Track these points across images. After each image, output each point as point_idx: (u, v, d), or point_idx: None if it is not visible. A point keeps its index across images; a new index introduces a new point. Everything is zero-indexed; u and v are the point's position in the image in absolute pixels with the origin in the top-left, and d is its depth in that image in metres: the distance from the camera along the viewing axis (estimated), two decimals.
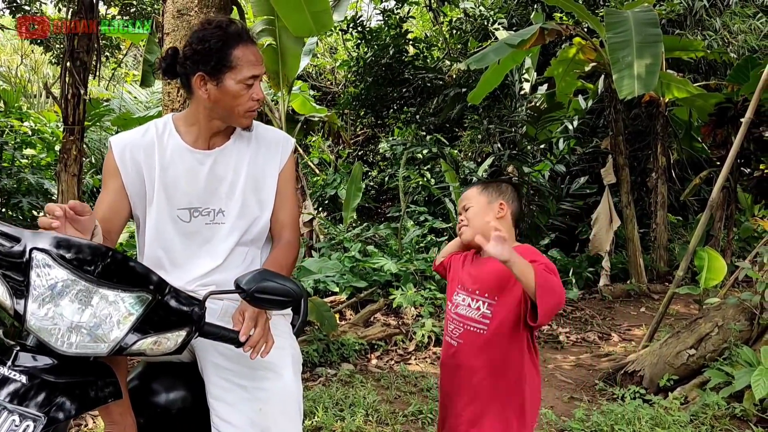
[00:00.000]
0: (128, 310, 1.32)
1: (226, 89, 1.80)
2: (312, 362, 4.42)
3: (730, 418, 3.47)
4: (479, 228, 2.00)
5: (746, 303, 3.91)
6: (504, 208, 2.05)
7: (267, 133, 2.02)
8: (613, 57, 5.60)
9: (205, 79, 1.81)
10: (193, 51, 1.80)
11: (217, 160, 1.91)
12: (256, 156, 1.96)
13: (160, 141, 1.91)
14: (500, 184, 2.13)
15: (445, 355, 2.08)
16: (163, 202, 1.89)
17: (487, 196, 2.07)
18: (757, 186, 6.59)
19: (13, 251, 1.28)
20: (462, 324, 2.00)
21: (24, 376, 1.25)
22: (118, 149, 1.91)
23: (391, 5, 9.24)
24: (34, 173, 5.39)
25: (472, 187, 2.14)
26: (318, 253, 6.85)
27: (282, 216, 1.98)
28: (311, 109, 9.62)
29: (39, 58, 14.08)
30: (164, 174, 1.88)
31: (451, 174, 8.06)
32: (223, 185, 1.91)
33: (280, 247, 1.94)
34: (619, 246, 8.04)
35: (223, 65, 1.78)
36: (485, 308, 1.96)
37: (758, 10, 9.49)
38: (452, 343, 2.03)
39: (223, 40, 1.78)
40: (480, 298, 1.98)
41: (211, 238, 1.91)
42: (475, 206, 2.07)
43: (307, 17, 5.20)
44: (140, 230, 1.95)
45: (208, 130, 1.91)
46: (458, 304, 2.05)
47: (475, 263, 2.09)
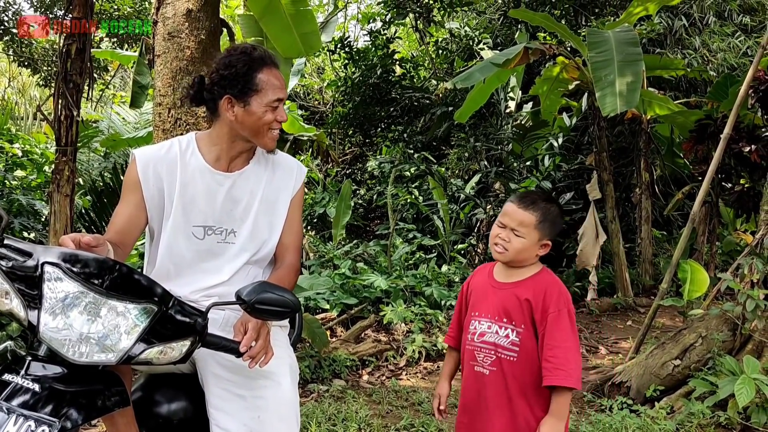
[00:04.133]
0: (135, 321, 1.38)
1: (252, 111, 1.89)
2: (304, 378, 4.45)
3: (715, 426, 3.56)
4: (516, 259, 1.99)
5: (729, 314, 4.01)
6: (548, 247, 2.00)
7: (283, 160, 2.12)
8: (596, 75, 5.73)
9: (233, 101, 1.89)
10: (221, 76, 1.89)
11: (236, 183, 1.99)
12: (272, 180, 2.05)
13: (182, 158, 1.98)
14: (556, 217, 2.00)
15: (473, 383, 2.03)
16: (180, 217, 1.95)
17: (540, 232, 1.96)
18: (738, 200, 6.70)
19: (26, 265, 1.35)
20: (494, 351, 1.98)
21: (36, 384, 1.31)
22: (142, 163, 1.96)
23: (378, 26, 9.39)
24: (25, 194, 5.42)
25: (530, 212, 1.96)
26: (308, 271, 6.89)
27: (287, 239, 2.06)
28: (300, 128, 9.70)
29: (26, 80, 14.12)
30: (184, 191, 1.95)
31: (439, 191, 8.15)
32: (239, 207, 1.99)
33: (283, 268, 2.01)
34: (606, 261, 8.14)
35: (249, 88, 1.87)
36: (514, 336, 1.96)
37: (737, 28, 9.73)
38: (484, 372, 1.99)
39: (249, 64, 1.88)
40: (507, 325, 1.97)
41: (221, 256, 1.98)
42: (525, 239, 1.95)
43: (296, 39, 5.30)
44: (153, 242, 2.01)
45: (229, 152, 1.99)
46: (483, 332, 2.01)
47: (497, 289, 2.04)
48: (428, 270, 7.01)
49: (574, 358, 1.88)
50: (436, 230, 8.21)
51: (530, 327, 1.94)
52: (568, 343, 1.88)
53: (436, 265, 7.41)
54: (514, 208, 1.98)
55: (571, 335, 1.90)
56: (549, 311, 1.91)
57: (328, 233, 9.14)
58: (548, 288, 1.94)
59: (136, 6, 9.71)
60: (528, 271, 2.02)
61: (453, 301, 6.30)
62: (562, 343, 1.87)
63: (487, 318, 2.01)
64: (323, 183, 10.87)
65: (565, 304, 1.93)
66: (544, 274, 2.01)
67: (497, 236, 1.99)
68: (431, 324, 5.74)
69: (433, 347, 5.18)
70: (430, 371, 4.95)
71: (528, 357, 1.94)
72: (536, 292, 1.94)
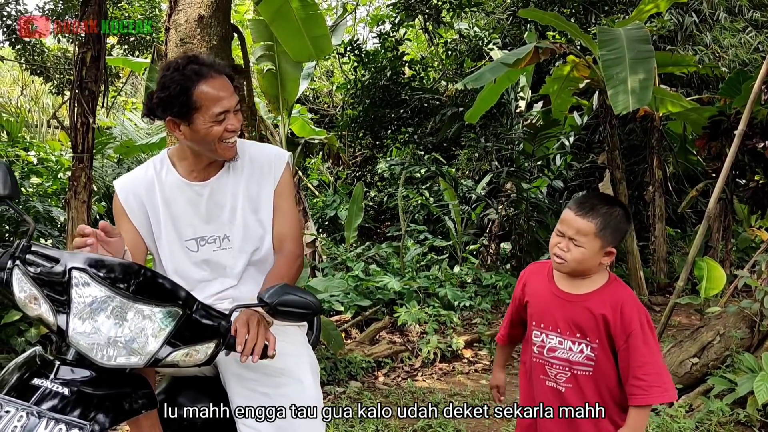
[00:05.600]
0: (160, 325, 1.40)
1: (197, 129, 1.83)
2: (321, 381, 4.46)
3: (734, 424, 3.53)
4: (578, 270, 1.88)
5: (746, 311, 3.98)
6: (612, 255, 1.87)
7: (259, 154, 2.05)
8: (607, 73, 5.71)
9: (176, 122, 1.84)
10: (159, 99, 1.83)
11: (214, 190, 1.97)
12: (251, 178, 2.01)
13: (159, 178, 1.98)
14: (619, 222, 1.84)
15: (551, 398, 1.95)
16: (172, 234, 1.96)
17: (601, 240, 1.82)
18: (753, 197, 6.65)
19: (54, 271, 1.37)
20: (569, 368, 1.90)
21: (65, 388, 1.33)
22: (123, 193, 1.98)
23: (387, 28, 9.40)
24: (41, 201, 5.48)
25: (588, 220, 1.82)
26: (321, 273, 6.91)
27: (281, 229, 2.02)
28: (310, 131, 9.75)
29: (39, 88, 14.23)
30: (167, 209, 1.95)
31: (450, 192, 8.15)
32: (224, 212, 1.97)
33: (281, 258, 1.98)
34: (619, 259, 8.10)
35: (188, 107, 1.80)
36: (588, 351, 1.87)
37: (747, 24, 9.67)
38: (560, 389, 1.92)
39: (181, 83, 1.79)
40: (581, 341, 1.88)
41: (221, 263, 1.98)
42: (585, 249, 1.82)
43: (306, 42, 5.33)
44: (156, 263, 2.03)
45: (198, 164, 1.97)
46: (554, 347, 1.92)
47: (564, 301, 1.92)
48: (441, 271, 7.01)
49: (665, 369, 1.83)
50: (447, 231, 8.21)
51: (606, 342, 1.85)
52: (656, 357, 1.81)
53: (448, 266, 7.42)
54: (571, 215, 1.84)
55: (656, 348, 1.83)
56: (631, 329, 1.81)
57: (339, 236, 9.16)
58: (625, 304, 1.84)
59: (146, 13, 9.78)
60: (596, 281, 1.90)
61: (466, 302, 6.31)
62: (650, 359, 1.79)
63: (557, 333, 1.91)
64: (334, 186, 10.91)
65: (645, 317, 1.84)
66: (617, 286, 1.90)
67: (556, 245, 1.86)
68: (445, 325, 5.74)
69: (448, 348, 5.18)
70: (446, 372, 4.95)
71: (604, 369, 1.87)
72: (613, 309, 1.84)
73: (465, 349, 5.31)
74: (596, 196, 1.91)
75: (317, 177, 11.21)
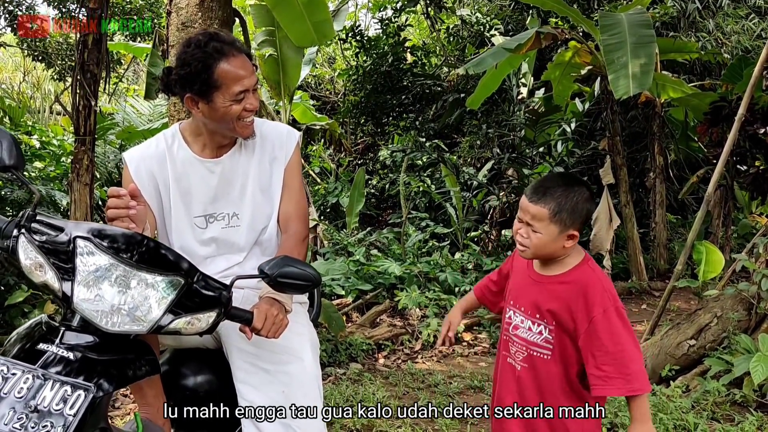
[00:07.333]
0: (163, 293, 1.43)
1: (216, 107, 1.82)
2: (321, 362, 4.50)
3: (730, 404, 3.57)
4: (540, 255, 1.83)
5: (744, 293, 4.01)
6: (575, 238, 1.77)
7: (271, 132, 2.06)
8: (608, 58, 5.71)
9: (195, 99, 1.83)
10: (179, 76, 1.82)
11: (226, 167, 1.97)
12: (263, 155, 2.02)
13: (170, 152, 1.97)
14: (576, 203, 1.75)
15: (507, 374, 1.93)
16: (181, 211, 1.97)
17: (558, 225, 1.74)
18: (753, 182, 6.65)
19: (59, 240, 1.40)
20: (525, 348, 1.86)
21: (70, 352, 1.36)
22: (133, 164, 1.97)
23: (389, 14, 9.39)
24: (44, 185, 5.51)
25: (541, 205, 1.74)
26: (323, 258, 6.95)
27: (288, 208, 2.02)
28: (312, 117, 9.76)
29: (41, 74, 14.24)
30: (178, 185, 1.96)
31: (452, 179, 8.17)
32: (235, 189, 1.98)
33: (287, 237, 1.99)
34: (620, 246, 8.13)
35: (209, 85, 1.79)
36: (547, 333, 1.81)
37: (750, 11, 9.64)
38: (515, 366, 1.89)
39: (203, 60, 1.78)
40: (540, 322, 1.82)
41: (230, 240, 1.99)
42: (542, 234, 1.75)
43: (308, 27, 5.32)
44: (161, 238, 2.03)
45: (212, 141, 1.97)
46: (517, 325, 1.89)
47: (535, 282, 1.88)
48: (442, 257, 7.04)
49: (632, 358, 1.69)
50: (448, 218, 8.23)
51: (564, 327, 1.78)
52: (619, 346, 1.69)
53: (449, 252, 7.45)
54: (526, 201, 1.77)
55: (624, 337, 1.70)
56: (593, 314, 1.72)
57: (341, 222, 9.19)
58: (589, 287, 1.75)
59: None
60: (567, 264, 1.83)
61: (467, 287, 6.33)
62: (612, 348, 1.69)
63: (521, 311, 1.88)
64: (335, 173, 10.92)
65: (611, 301, 1.73)
66: (584, 270, 1.80)
67: (517, 232, 1.82)
68: (446, 309, 5.77)
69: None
70: (446, 354, 4.99)
71: (564, 355, 1.80)
72: (576, 293, 1.76)
73: (465, 333, 5.36)
74: (552, 178, 1.82)
75: (319, 164, 11.23)
